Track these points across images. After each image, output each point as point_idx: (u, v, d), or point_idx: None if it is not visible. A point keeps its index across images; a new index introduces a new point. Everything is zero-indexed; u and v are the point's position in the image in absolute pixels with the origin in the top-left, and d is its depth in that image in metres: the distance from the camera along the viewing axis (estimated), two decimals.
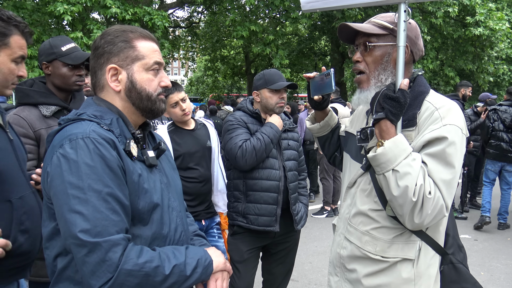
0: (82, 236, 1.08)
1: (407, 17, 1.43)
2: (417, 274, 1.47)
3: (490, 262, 4.76)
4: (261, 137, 2.51)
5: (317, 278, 4.25)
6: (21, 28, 1.55)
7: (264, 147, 2.50)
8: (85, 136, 1.15)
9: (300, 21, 11.80)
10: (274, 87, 2.59)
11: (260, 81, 2.65)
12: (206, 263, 1.28)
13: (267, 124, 2.60)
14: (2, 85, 1.54)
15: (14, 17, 1.54)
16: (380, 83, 1.52)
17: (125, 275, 1.09)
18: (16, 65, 1.54)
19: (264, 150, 2.52)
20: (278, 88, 2.59)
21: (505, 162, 5.90)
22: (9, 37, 1.51)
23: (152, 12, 9.90)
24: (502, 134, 5.88)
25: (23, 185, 1.58)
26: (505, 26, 12.57)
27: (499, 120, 5.93)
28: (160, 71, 1.34)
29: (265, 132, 2.54)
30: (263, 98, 2.64)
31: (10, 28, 1.51)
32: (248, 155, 2.48)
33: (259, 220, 2.56)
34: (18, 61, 1.55)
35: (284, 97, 2.65)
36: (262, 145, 2.49)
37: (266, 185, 2.56)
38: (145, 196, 1.24)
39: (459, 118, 1.43)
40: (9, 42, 1.51)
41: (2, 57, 1.51)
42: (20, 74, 1.57)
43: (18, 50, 1.53)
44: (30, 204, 1.58)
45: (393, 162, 1.35)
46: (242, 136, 2.55)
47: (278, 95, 2.62)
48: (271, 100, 2.62)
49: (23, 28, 1.56)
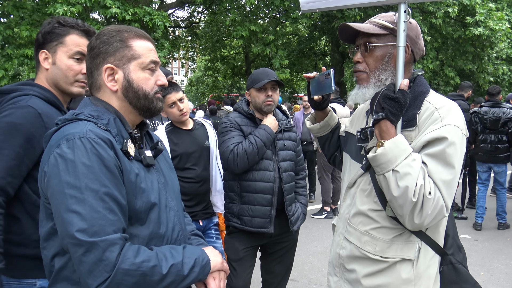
0: (79, 236, 1.07)
1: (407, 17, 1.43)
2: (417, 275, 1.46)
3: (490, 262, 4.76)
4: (253, 141, 2.49)
5: (317, 278, 4.25)
6: (76, 27, 1.70)
7: (257, 151, 2.48)
8: (82, 136, 1.15)
9: (300, 21, 11.80)
10: (258, 85, 2.57)
11: (249, 81, 2.66)
12: (204, 262, 1.27)
13: (261, 126, 2.57)
14: (64, 81, 1.69)
15: (71, 21, 1.71)
16: (380, 82, 1.52)
17: (122, 275, 1.09)
18: (75, 61, 1.69)
19: (257, 154, 2.50)
20: (259, 86, 2.57)
21: (491, 163, 5.93)
22: (65, 36, 1.68)
23: (152, 12, 9.90)
24: (485, 136, 5.90)
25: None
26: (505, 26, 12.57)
27: (480, 123, 5.94)
28: (157, 70, 1.34)
29: (258, 135, 2.51)
30: (252, 98, 2.64)
31: (66, 29, 1.69)
32: (239, 159, 2.47)
33: (253, 221, 2.55)
34: (76, 58, 1.69)
35: (270, 95, 2.60)
36: (254, 148, 2.47)
37: (260, 186, 2.55)
38: (142, 196, 1.23)
39: (459, 119, 1.42)
40: (65, 40, 1.68)
41: (59, 55, 1.68)
42: (84, 71, 1.68)
43: (73, 47, 1.69)
44: None
45: (393, 163, 1.35)
46: (235, 140, 2.54)
47: (264, 93, 2.59)
48: (258, 99, 2.60)
49: (79, 27, 1.71)
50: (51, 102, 1.66)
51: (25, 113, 1.53)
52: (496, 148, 5.83)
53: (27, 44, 9.39)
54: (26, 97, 1.59)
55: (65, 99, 1.76)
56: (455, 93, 6.60)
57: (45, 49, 1.69)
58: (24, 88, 1.64)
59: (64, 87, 1.70)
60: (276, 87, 2.64)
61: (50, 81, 1.71)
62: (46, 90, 1.67)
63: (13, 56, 9.14)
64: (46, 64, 1.69)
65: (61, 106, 1.70)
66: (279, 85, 2.64)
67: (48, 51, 1.69)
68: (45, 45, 1.69)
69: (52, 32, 1.67)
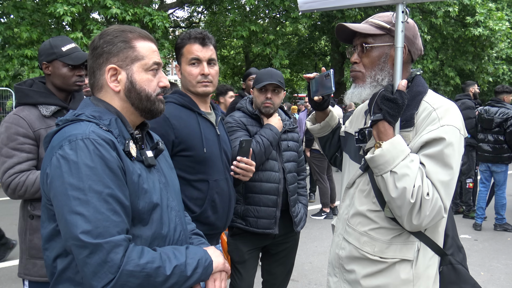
0: (84, 238, 1.08)
1: (405, 17, 1.43)
2: (416, 275, 1.46)
3: (490, 262, 4.76)
4: (260, 140, 2.48)
5: (317, 278, 4.25)
6: (190, 37, 1.96)
7: (264, 151, 2.47)
8: (84, 137, 1.15)
9: (300, 21, 11.80)
10: (258, 86, 2.57)
11: (254, 80, 2.66)
12: (207, 263, 1.28)
13: (267, 126, 2.56)
14: (190, 85, 1.98)
15: (189, 32, 1.97)
16: (376, 83, 1.52)
17: (126, 276, 1.09)
18: (192, 66, 1.96)
19: (264, 154, 2.48)
20: (259, 87, 2.56)
21: (489, 163, 5.92)
22: (183, 48, 1.98)
23: (152, 13, 9.89)
24: (485, 135, 5.89)
25: (220, 171, 2.00)
26: (505, 26, 12.57)
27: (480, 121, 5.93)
28: (159, 71, 1.34)
29: (264, 135, 2.50)
30: (254, 97, 2.65)
31: (183, 42, 1.98)
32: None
33: (258, 222, 2.55)
34: (193, 63, 1.95)
35: (270, 97, 2.56)
36: (261, 148, 2.46)
37: (266, 187, 2.55)
38: (145, 196, 1.24)
39: (457, 119, 1.42)
40: (183, 51, 1.98)
41: (183, 65, 1.99)
42: (202, 72, 1.95)
43: (188, 54, 1.96)
44: (221, 187, 1.99)
45: (391, 164, 1.35)
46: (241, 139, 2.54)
47: (264, 94, 2.56)
48: (258, 99, 2.60)
49: (192, 36, 1.96)
50: (184, 105, 1.97)
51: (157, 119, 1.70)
52: (494, 148, 5.80)
53: (27, 44, 9.39)
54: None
55: (199, 100, 2.03)
56: (462, 94, 6.56)
57: (177, 63, 2.05)
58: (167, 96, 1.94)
59: (192, 90, 1.99)
60: (279, 90, 2.58)
61: (184, 88, 2.05)
62: (183, 95, 2.00)
63: (14, 56, 9.14)
64: (179, 75, 2.04)
65: (194, 108, 1.99)
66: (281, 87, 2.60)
67: (178, 65, 2.04)
68: (178, 60, 2.03)
69: (177, 48, 2.01)
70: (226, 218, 2.05)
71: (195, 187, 1.94)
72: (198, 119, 1.98)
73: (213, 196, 1.95)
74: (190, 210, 1.91)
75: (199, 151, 1.92)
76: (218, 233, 2.08)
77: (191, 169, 1.92)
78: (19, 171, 1.97)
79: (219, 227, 2.03)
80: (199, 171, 1.93)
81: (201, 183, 1.94)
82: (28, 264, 2.03)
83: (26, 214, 2.05)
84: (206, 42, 1.96)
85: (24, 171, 1.98)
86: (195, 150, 1.91)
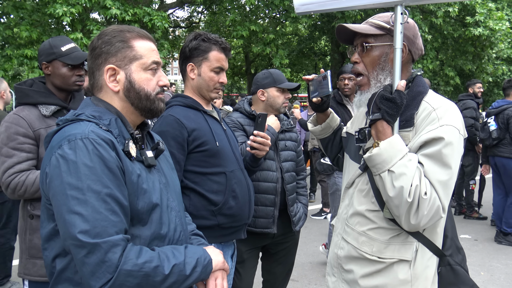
0: (82, 237, 1.08)
1: (404, 19, 1.43)
2: (414, 276, 1.47)
3: (490, 262, 4.76)
4: None
5: (317, 278, 4.25)
6: (218, 45, 2.03)
7: None
8: (84, 136, 1.15)
9: (300, 21, 11.79)
10: (284, 86, 2.59)
11: (268, 79, 2.62)
12: (206, 262, 1.28)
13: None
14: (206, 89, 2.07)
15: (214, 37, 2.04)
16: (379, 83, 1.53)
17: (124, 276, 1.09)
18: (215, 74, 2.04)
19: None
20: (289, 88, 2.61)
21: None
22: (209, 53, 2.02)
23: (152, 13, 9.88)
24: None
25: (233, 162, 2.07)
26: (505, 26, 12.56)
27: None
28: (158, 70, 1.35)
29: None
30: (270, 97, 2.62)
31: (209, 46, 2.02)
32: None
33: (256, 222, 2.55)
34: (217, 71, 2.05)
35: (289, 97, 2.67)
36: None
37: (263, 187, 2.56)
38: (144, 197, 1.24)
39: (457, 119, 1.43)
40: (209, 56, 2.02)
41: (203, 68, 2.04)
42: (221, 81, 2.07)
43: (215, 62, 2.04)
44: (238, 177, 2.06)
45: (388, 163, 1.36)
46: (239, 140, 2.54)
47: (284, 94, 2.63)
48: (278, 99, 2.61)
49: (220, 44, 2.04)
50: (189, 105, 2.04)
51: (168, 121, 1.94)
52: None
53: (26, 44, 9.39)
54: (168, 109, 2.00)
55: (205, 102, 2.12)
56: (464, 94, 6.47)
57: (192, 62, 2.05)
58: (171, 101, 2.09)
59: (205, 94, 2.08)
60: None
61: (195, 88, 2.09)
62: (185, 97, 2.07)
63: (13, 56, 9.13)
64: (192, 75, 2.07)
65: (199, 107, 2.06)
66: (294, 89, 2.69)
67: (194, 64, 2.05)
68: (192, 59, 2.05)
69: (198, 49, 2.02)
70: (249, 207, 2.09)
71: (213, 180, 1.99)
72: (204, 117, 2.06)
73: (233, 186, 2.01)
74: (212, 203, 1.97)
75: (212, 145, 2.00)
76: (243, 225, 2.11)
77: (207, 164, 2.00)
78: (19, 170, 1.97)
79: (243, 218, 2.07)
80: (214, 164, 2.00)
81: (219, 176, 2.00)
82: (28, 264, 2.04)
83: (26, 214, 2.06)
84: (228, 54, 2.08)
85: (24, 171, 1.98)
86: (209, 144, 1.99)
